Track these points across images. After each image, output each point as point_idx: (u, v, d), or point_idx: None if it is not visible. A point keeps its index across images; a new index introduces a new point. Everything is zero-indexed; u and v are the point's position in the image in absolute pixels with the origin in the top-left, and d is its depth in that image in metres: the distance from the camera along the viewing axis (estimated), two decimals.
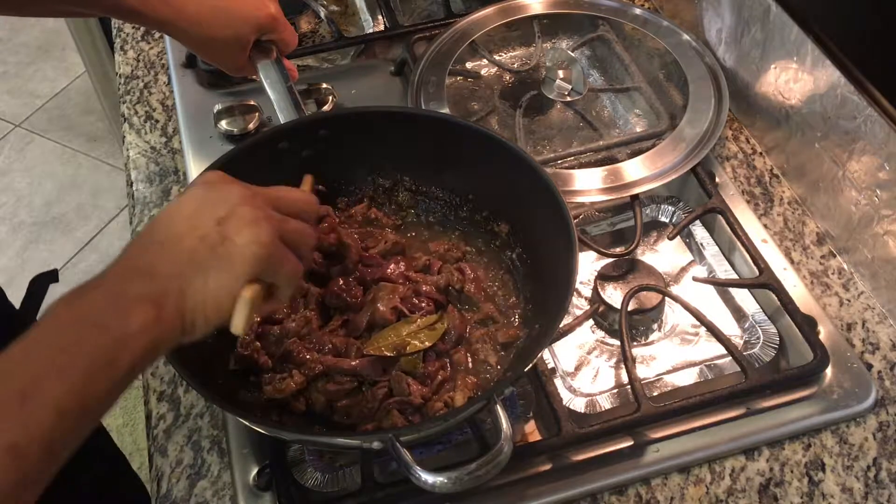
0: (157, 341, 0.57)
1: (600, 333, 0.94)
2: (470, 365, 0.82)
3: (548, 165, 1.01)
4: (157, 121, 1.14)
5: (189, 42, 0.94)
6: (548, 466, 0.79)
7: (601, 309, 0.92)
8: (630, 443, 0.80)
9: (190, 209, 0.62)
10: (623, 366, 0.84)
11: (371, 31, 1.28)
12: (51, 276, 1.04)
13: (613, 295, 0.91)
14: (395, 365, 0.79)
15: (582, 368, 0.91)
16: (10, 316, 1.03)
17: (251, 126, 1.08)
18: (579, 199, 0.97)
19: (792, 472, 0.80)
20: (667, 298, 0.92)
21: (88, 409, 0.52)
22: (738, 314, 0.95)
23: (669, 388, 0.89)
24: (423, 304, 0.83)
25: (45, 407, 0.50)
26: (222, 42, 0.92)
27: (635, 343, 0.92)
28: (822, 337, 0.87)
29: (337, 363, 0.79)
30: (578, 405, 0.86)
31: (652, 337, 0.93)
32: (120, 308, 0.55)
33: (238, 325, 0.60)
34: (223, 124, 1.08)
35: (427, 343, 0.80)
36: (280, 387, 0.78)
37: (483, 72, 1.20)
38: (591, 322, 0.94)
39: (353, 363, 0.79)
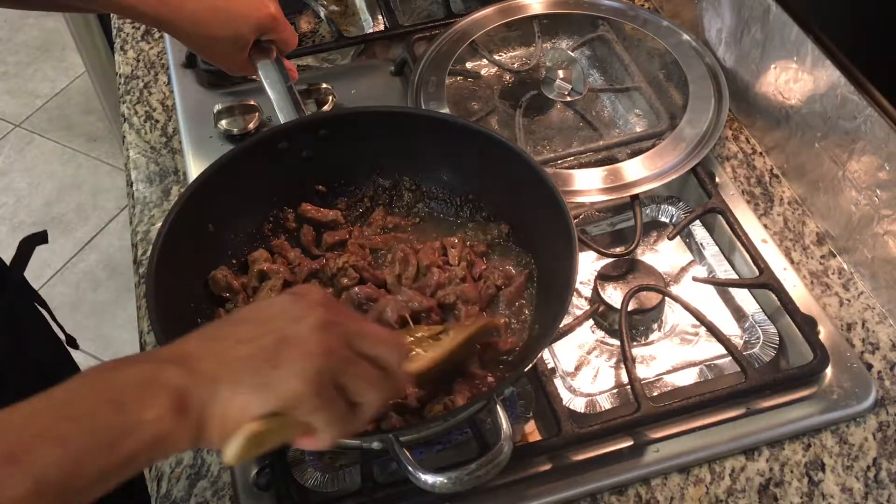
0: (166, 438, 0.52)
1: (600, 333, 0.94)
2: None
3: (548, 165, 1.01)
4: (157, 121, 1.14)
5: (188, 41, 0.94)
6: (548, 466, 0.79)
7: (601, 309, 0.92)
8: (630, 443, 0.80)
9: (266, 315, 0.59)
10: (623, 366, 0.84)
11: (371, 31, 1.28)
12: (40, 238, 1.03)
13: (613, 295, 0.91)
14: None
15: (582, 368, 0.91)
16: (1, 274, 1.03)
17: (251, 126, 1.08)
18: (579, 199, 0.97)
19: (792, 472, 0.80)
20: (667, 298, 0.92)
21: (68, 491, 0.49)
22: (738, 314, 0.95)
23: (669, 388, 0.89)
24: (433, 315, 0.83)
25: (27, 475, 0.47)
26: (222, 42, 0.92)
27: (635, 343, 0.92)
28: (822, 337, 0.87)
29: None
30: (578, 405, 0.86)
31: (652, 337, 0.93)
32: (144, 391, 0.52)
33: (229, 455, 0.54)
34: (223, 124, 1.08)
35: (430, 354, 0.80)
36: None
37: (483, 72, 1.20)
38: (591, 322, 0.94)
39: None
